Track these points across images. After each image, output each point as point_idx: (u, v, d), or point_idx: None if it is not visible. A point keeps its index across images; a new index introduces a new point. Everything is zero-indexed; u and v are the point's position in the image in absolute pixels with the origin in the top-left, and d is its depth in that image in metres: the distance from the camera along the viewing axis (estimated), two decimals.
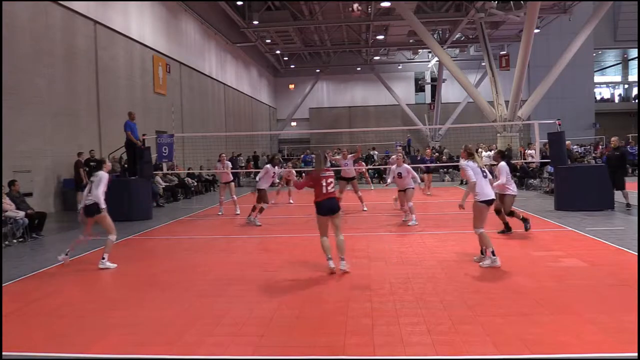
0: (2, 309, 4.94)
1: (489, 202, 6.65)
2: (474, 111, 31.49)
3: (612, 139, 12.75)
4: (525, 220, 8.78)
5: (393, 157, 13.43)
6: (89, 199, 7.31)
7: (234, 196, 12.95)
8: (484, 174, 6.62)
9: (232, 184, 13.23)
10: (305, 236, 9.34)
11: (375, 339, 4.09)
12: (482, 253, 6.68)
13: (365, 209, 12.64)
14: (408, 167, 10.43)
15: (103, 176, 7.38)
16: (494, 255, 6.39)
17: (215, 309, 5.01)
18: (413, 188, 10.50)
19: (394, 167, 10.67)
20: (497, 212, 8.58)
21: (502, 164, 8.59)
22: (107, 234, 7.34)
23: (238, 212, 12.56)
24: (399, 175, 10.36)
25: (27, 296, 5.66)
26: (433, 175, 24.00)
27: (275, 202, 14.66)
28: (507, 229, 8.73)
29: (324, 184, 6.32)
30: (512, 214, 8.72)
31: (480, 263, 6.52)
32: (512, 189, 8.60)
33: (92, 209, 7.27)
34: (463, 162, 6.96)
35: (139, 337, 4.32)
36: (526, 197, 14.44)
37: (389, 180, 10.92)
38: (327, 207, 6.34)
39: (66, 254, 7.21)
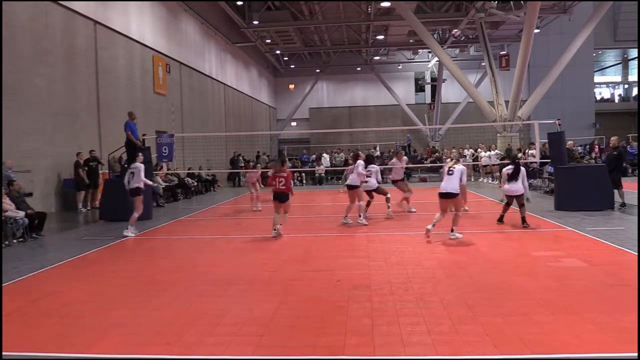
0: (2, 309, 4.94)
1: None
2: (474, 111, 31.49)
3: (612, 138, 12.81)
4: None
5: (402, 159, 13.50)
6: (133, 184, 9.73)
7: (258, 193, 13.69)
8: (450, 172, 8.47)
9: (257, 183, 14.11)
10: (305, 236, 9.35)
11: (375, 339, 4.09)
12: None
13: (413, 210, 12.09)
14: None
15: (140, 166, 9.80)
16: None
17: (215, 309, 5.01)
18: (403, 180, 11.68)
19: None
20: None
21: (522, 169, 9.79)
22: (134, 211, 9.82)
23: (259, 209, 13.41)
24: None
25: (27, 296, 5.66)
26: (432, 175, 24.09)
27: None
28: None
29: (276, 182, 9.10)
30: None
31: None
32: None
33: (136, 191, 9.76)
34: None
35: (139, 337, 4.32)
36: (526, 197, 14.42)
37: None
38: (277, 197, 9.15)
39: (129, 229, 9.57)
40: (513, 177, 9.57)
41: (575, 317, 4.50)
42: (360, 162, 10.41)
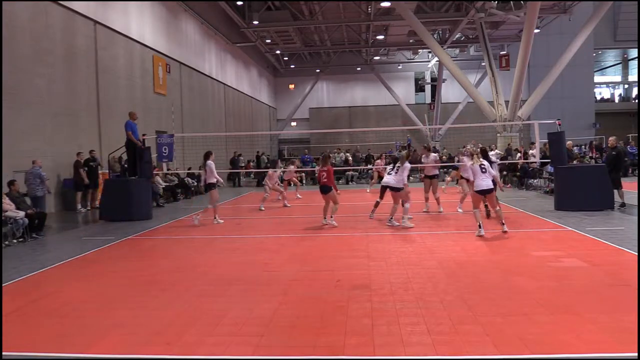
0: (2, 309, 4.94)
1: None
2: (474, 111, 31.49)
3: (610, 138, 12.76)
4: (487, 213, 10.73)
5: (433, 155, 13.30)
6: (207, 179, 11.20)
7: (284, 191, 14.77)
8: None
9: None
10: (305, 236, 9.35)
11: (375, 339, 4.09)
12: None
13: (441, 210, 12.01)
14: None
15: (211, 164, 11.20)
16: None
17: (215, 309, 5.01)
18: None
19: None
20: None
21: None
22: (209, 203, 11.38)
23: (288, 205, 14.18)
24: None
25: (27, 296, 5.66)
26: None
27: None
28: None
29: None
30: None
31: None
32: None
33: (210, 185, 11.18)
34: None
35: (139, 337, 4.32)
36: (526, 197, 14.46)
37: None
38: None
39: (197, 215, 10.95)
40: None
41: (575, 317, 4.50)
42: (407, 165, 10.02)
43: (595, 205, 11.06)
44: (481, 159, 9.09)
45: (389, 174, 10.43)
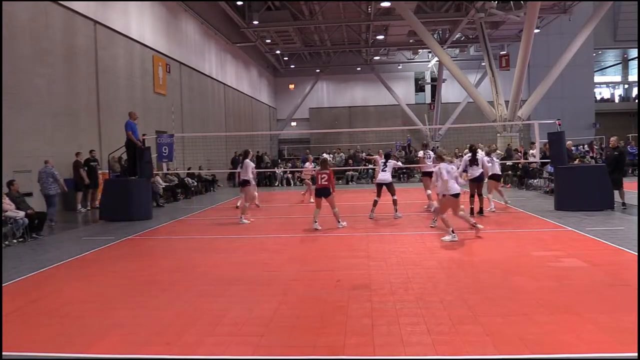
0: (2, 309, 4.94)
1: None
2: (474, 111, 31.48)
3: (611, 138, 12.75)
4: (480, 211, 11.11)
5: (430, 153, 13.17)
6: (242, 176, 11.50)
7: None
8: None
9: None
10: (305, 236, 9.35)
11: (375, 339, 4.09)
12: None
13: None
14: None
15: (249, 163, 11.57)
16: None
17: (215, 309, 5.01)
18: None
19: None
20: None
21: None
22: (245, 200, 11.64)
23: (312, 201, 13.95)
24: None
25: (27, 296, 5.66)
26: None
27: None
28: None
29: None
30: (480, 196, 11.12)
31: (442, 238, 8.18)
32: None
33: (244, 182, 11.43)
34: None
35: (139, 337, 4.32)
36: (526, 197, 14.45)
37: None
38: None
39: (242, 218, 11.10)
40: (474, 162, 10.86)
41: (575, 317, 4.50)
42: (445, 165, 8.46)
43: (595, 205, 11.06)
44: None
45: (382, 171, 11.23)
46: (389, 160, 11.48)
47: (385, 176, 11.20)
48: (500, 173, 13.32)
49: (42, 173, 11.46)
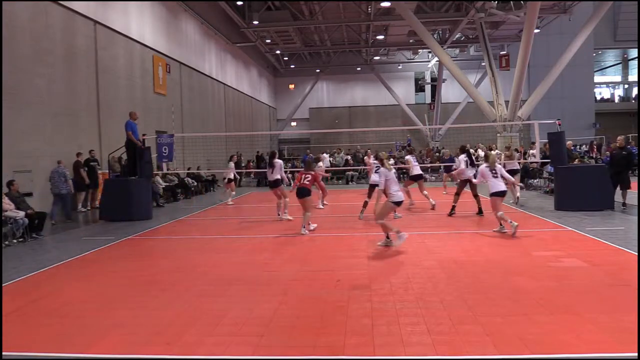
0: (2, 309, 4.94)
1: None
2: (474, 111, 31.47)
3: (618, 138, 12.45)
4: (480, 211, 11.02)
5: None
6: (273, 176, 11.41)
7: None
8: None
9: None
10: (305, 236, 9.34)
11: (375, 339, 4.09)
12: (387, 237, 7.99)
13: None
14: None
15: (280, 162, 11.72)
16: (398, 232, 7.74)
17: (215, 309, 5.01)
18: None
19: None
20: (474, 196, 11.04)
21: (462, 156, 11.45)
22: (283, 197, 11.51)
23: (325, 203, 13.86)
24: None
25: (27, 296, 5.66)
26: (432, 174, 24.10)
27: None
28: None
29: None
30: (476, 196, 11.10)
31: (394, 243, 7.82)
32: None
33: (276, 183, 11.45)
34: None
35: (139, 337, 4.32)
36: (526, 197, 14.45)
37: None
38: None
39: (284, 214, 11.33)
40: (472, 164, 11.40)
41: (575, 317, 4.50)
42: (384, 171, 8.11)
43: (595, 205, 11.05)
44: (495, 165, 9.03)
45: (376, 172, 11.15)
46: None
47: (375, 177, 10.79)
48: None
49: (54, 173, 12.07)
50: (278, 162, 11.78)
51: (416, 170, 12.77)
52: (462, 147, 12.01)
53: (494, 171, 8.96)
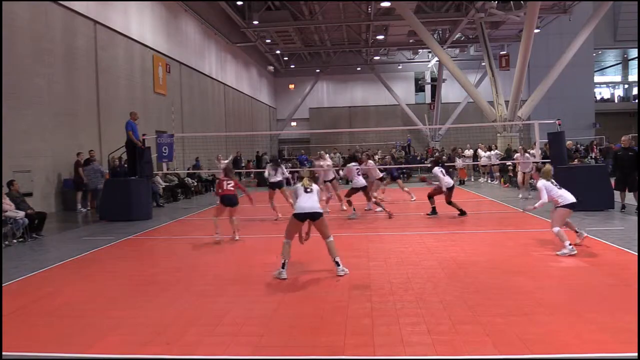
0: (2, 309, 4.94)
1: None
2: (474, 111, 31.49)
3: (623, 138, 11.93)
4: (462, 212, 10.86)
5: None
6: (275, 178, 11.40)
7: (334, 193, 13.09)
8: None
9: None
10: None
11: (375, 339, 4.09)
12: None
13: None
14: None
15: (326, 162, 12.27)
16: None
17: (215, 309, 5.01)
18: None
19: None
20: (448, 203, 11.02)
21: (436, 168, 11.36)
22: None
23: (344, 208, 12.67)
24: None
25: (27, 296, 5.66)
26: (433, 174, 24.06)
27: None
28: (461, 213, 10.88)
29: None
30: (451, 203, 11.06)
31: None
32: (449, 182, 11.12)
33: (279, 184, 11.51)
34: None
35: (139, 337, 4.32)
36: (526, 197, 14.43)
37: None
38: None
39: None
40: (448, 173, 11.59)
41: (575, 317, 4.50)
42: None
43: (595, 205, 11.04)
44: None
45: (358, 175, 11.73)
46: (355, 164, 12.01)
47: (359, 180, 11.65)
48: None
49: (89, 170, 13.33)
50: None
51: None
52: (435, 160, 12.36)
53: (554, 183, 7.68)
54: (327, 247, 6.38)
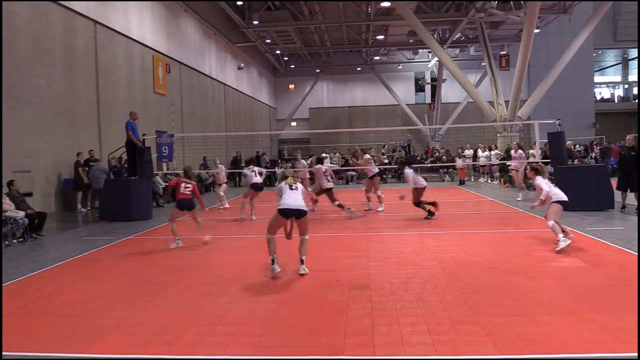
0: (2, 309, 4.94)
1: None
2: (474, 111, 31.47)
3: (628, 137, 11.74)
4: (430, 213, 10.79)
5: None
6: (257, 179, 11.85)
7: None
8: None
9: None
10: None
11: (375, 339, 4.09)
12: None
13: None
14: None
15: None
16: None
17: (215, 309, 5.01)
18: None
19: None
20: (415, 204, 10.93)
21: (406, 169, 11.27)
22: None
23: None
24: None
25: (27, 296, 5.66)
26: (432, 175, 24.10)
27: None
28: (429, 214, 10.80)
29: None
30: (419, 204, 10.93)
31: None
32: (420, 183, 10.95)
33: (260, 186, 11.94)
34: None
35: (139, 337, 4.32)
36: (526, 198, 14.43)
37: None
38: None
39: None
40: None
41: (575, 317, 4.50)
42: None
43: (595, 205, 11.04)
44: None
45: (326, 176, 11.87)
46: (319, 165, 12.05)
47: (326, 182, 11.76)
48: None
49: (95, 169, 13.36)
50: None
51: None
52: (403, 162, 12.81)
53: (548, 183, 7.93)
54: (301, 243, 6.48)
